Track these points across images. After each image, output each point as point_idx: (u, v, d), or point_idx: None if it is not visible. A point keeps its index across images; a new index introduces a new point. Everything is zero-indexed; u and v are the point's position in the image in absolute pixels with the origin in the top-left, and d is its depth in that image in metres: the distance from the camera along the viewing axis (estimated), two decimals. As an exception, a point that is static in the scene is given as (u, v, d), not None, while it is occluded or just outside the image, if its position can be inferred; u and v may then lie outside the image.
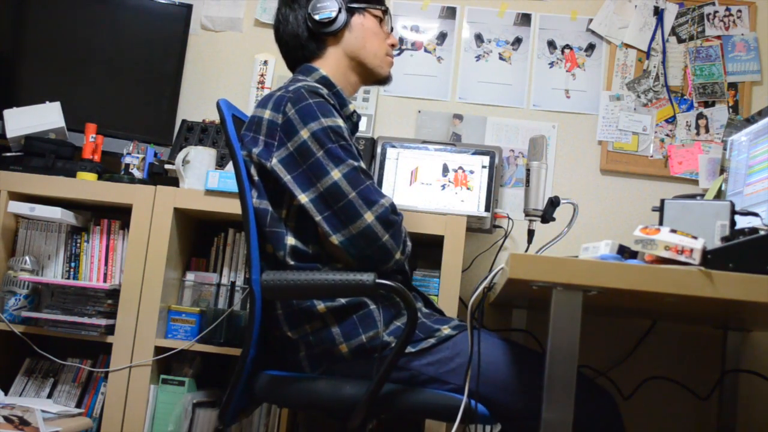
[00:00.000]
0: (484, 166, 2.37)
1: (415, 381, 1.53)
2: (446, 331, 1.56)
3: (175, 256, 2.21)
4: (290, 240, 1.57)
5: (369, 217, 1.53)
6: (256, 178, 1.60)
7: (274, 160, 1.56)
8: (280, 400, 1.65)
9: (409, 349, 1.52)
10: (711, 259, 1.26)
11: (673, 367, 2.42)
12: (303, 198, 1.54)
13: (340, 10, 1.74)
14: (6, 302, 2.17)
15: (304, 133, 1.55)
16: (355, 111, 1.78)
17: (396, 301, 1.59)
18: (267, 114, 1.60)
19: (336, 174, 1.54)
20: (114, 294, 2.15)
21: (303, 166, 1.55)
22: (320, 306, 1.55)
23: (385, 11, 1.83)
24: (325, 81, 1.73)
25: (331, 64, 1.76)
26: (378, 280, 1.41)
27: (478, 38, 2.67)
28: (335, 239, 1.53)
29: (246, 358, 1.54)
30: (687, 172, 2.55)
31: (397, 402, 1.52)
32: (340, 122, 1.60)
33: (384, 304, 1.57)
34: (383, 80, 1.84)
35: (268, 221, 1.58)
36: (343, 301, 1.55)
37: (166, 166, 2.32)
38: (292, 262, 1.57)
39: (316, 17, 1.73)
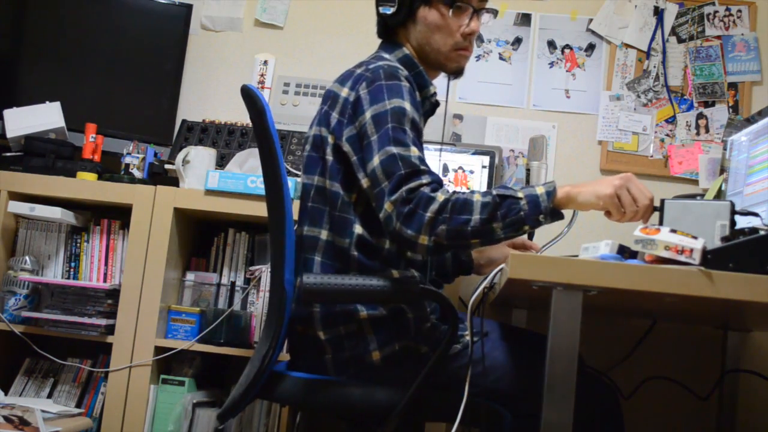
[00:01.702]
0: (484, 166, 2.37)
1: (444, 386, 1.52)
2: (468, 336, 1.55)
3: (175, 256, 2.21)
4: (358, 228, 1.53)
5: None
6: (330, 157, 1.55)
7: (344, 139, 1.53)
8: (306, 404, 1.61)
9: None
10: (711, 259, 1.25)
11: (673, 367, 2.42)
12: (365, 182, 1.50)
13: (401, 5, 1.65)
14: (6, 302, 2.17)
15: (368, 114, 1.50)
16: (435, 93, 1.71)
17: (422, 306, 1.55)
18: (344, 92, 1.57)
19: (375, 160, 1.47)
20: (114, 294, 2.15)
21: (364, 148, 1.51)
22: (363, 313, 1.51)
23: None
24: (407, 60, 1.67)
25: (409, 47, 1.71)
26: (422, 286, 1.39)
27: (479, 38, 2.67)
28: (381, 213, 1.44)
29: (270, 358, 1.49)
30: (687, 172, 2.55)
31: (429, 406, 1.51)
32: (406, 105, 1.51)
33: (416, 311, 1.55)
34: (451, 74, 1.76)
35: (338, 205, 1.54)
36: (384, 311, 1.51)
37: (166, 166, 2.32)
38: (356, 254, 1.52)
39: (380, 9, 1.68)
